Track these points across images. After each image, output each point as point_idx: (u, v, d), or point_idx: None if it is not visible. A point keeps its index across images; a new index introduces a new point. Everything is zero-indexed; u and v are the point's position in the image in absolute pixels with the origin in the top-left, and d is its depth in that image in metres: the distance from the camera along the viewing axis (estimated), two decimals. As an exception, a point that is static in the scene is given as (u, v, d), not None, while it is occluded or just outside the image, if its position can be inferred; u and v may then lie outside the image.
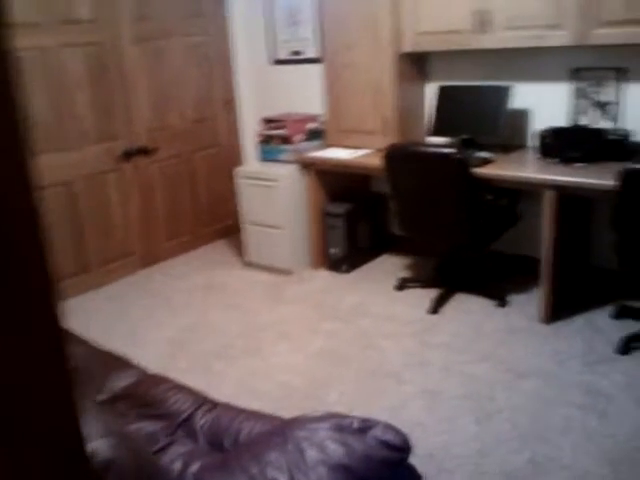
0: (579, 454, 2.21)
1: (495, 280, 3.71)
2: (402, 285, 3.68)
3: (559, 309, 3.23)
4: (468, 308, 3.40)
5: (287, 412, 1.65)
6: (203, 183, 4.53)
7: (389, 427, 1.41)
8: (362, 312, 3.43)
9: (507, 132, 3.43)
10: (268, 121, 3.97)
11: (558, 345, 2.96)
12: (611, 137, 3.13)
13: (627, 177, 2.57)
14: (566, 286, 3.32)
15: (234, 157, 4.58)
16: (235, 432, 1.69)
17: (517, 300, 3.44)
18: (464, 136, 3.49)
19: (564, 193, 2.96)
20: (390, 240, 4.27)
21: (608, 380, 2.65)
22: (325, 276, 3.95)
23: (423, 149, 3.10)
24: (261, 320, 3.41)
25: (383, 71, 3.63)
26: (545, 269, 3.10)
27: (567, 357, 2.85)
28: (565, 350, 2.91)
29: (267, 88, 4.42)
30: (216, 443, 1.66)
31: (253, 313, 3.50)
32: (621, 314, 3.18)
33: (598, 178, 2.82)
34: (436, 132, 3.65)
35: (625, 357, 2.82)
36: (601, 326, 3.11)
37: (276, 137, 3.91)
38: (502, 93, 3.39)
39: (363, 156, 3.69)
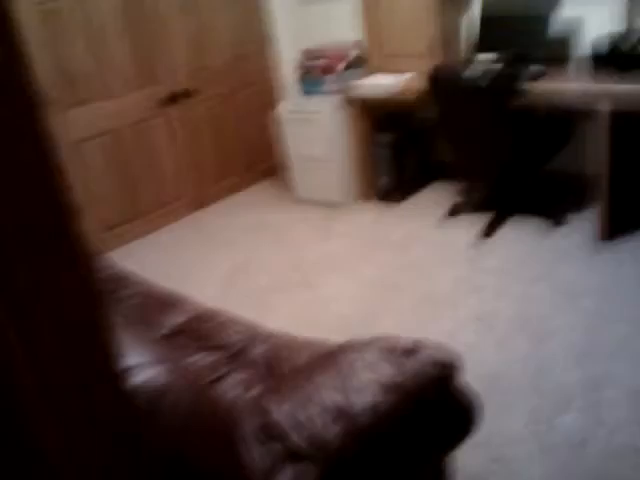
0: (637, 371, 2.18)
1: (551, 201, 3.61)
2: (454, 211, 3.62)
3: (616, 227, 3.12)
4: (522, 230, 3.33)
5: (342, 339, 1.68)
6: (247, 122, 4.51)
7: (439, 347, 1.42)
8: (414, 241, 3.41)
9: (558, 45, 3.25)
10: (308, 53, 3.88)
11: (615, 265, 2.88)
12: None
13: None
14: (624, 204, 3.20)
15: (276, 93, 4.52)
16: (291, 358, 1.73)
17: (574, 220, 3.35)
18: (511, 51, 3.33)
19: (620, 104, 2.80)
20: (439, 167, 4.18)
21: (669, 296, 2.58)
22: (375, 207, 3.93)
23: (470, 68, 2.97)
24: (312, 254, 3.45)
25: (424, -11, 3.47)
26: (602, 186, 2.99)
27: (625, 276, 2.78)
28: (623, 269, 2.83)
29: (303, 23, 4.30)
30: (273, 370, 1.71)
31: (304, 247, 3.54)
32: (684, 229, 3.06)
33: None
34: (483, 48, 3.48)
35: (688, 272, 2.73)
36: (662, 242, 3.00)
37: (317, 68, 3.83)
38: (549, 1, 3.20)
39: (408, 80, 3.58)
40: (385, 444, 1.25)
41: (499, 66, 2.89)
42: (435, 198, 3.92)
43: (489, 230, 3.34)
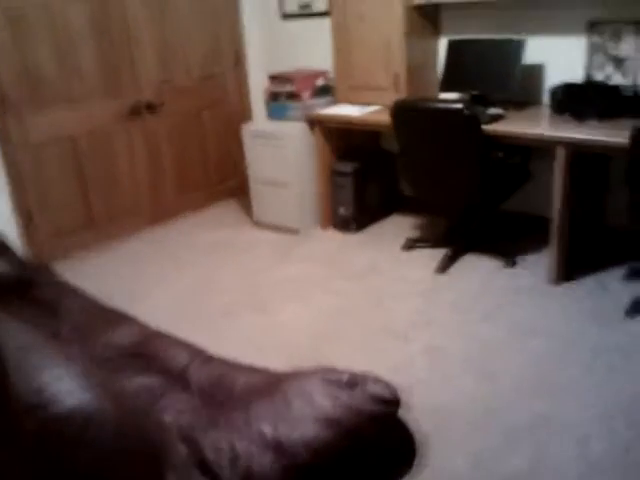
0: (584, 413, 2.19)
1: (505, 240, 3.66)
2: (411, 245, 3.64)
3: (569, 270, 3.17)
4: (477, 268, 3.36)
5: (289, 367, 1.65)
6: (212, 141, 4.48)
7: (379, 381, 1.40)
8: (371, 271, 3.40)
9: (520, 88, 3.33)
10: (276, 77, 3.89)
11: (567, 306, 2.92)
12: (626, 94, 3.02)
13: (638, 134, 2.49)
14: (577, 246, 3.26)
15: (242, 115, 4.52)
16: (229, 386, 1.69)
17: (527, 260, 3.39)
18: (474, 92, 3.40)
19: (576, 150, 2.87)
20: (400, 200, 4.21)
21: (616, 340, 2.61)
22: (333, 235, 3.93)
23: (430, 105, 3.02)
24: (269, 278, 3.41)
25: (393, 25, 3.53)
26: (556, 228, 3.04)
27: (576, 318, 2.81)
28: (574, 311, 2.87)
29: (276, 44, 4.33)
30: (210, 396, 1.66)
31: (261, 271, 3.50)
32: (632, 276, 3.13)
33: (612, 135, 2.73)
34: (446, 87, 3.56)
35: (635, 320, 2.78)
36: (613, 288, 3.05)
37: (284, 94, 3.84)
38: (515, 47, 3.28)
39: (373, 112, 3.61)
40: (322, 479, 1.22)
41: (460, 105, 2.93)
42: (394, 230, 3.94)
43: (445, 265, 3.36)
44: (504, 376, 2.44)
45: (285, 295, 3.21)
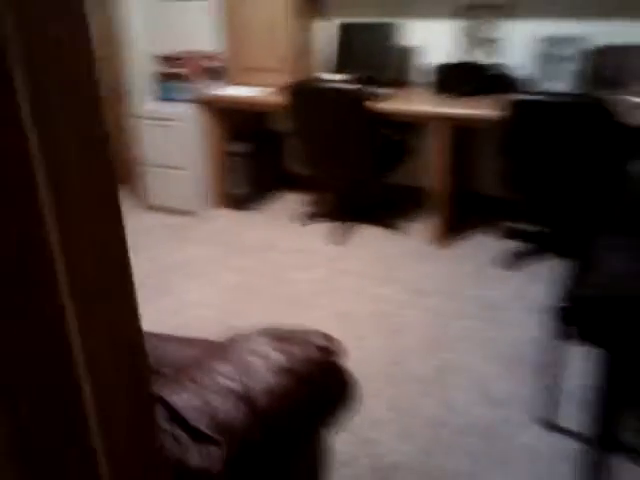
0: (479, 357, 2.48)
1: (393, 210, 3.93)
2: (306, 220, 3.81)
3: (451, 234, 3.51)
4: (369, 237, 3.60)
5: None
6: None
7: (324, 334, 1.54)
8: (270, 247, 3.53)
9: (401, 68, 3.58)
10: (166, 59, 3.86)
11: (451, 265, 3.24)
12: (495, 72, 3.37)
13: (510, 107, 2.81)
14: (456, 212, 3.60)
15: (131, 98, 4.42)
16: (171, 360, 1.75)
17: (413, 228, 3.69)
18: (363, 73, 3.60)
19: (454, 124, 3.17)
20: (290, 178, 4.36)
21: (500, 293, 2.95)
22: (229, 215, 4.00)
23: (328, 85, 3.18)
24: (170, 260, 3.42)
25: (279, 7, 3.64)
26: (437, 196, 3.34)
27: (460, 275, 3.13)
28: (458, 269, 3.19)
29: (159, 25, 4.26)
30: (155, 370, 1.72)
31: (161, 254, 3.50)
32: (506, 235, 3.51)
33: (483, 109, 3.06)
34: (337, 69, 3.73)
35: (511, 272, 3.14)
36: (489, 246, 3.42)
37: (175, 75, 3.82)
38: (393, 30, 3.52)
39: (262, 94, 3.71)
40: (282, 424, 1.34)
41: (350, 85, 3.12)
42: (287, 207, 4.08)
43: (340, 236, 3.56)
44: (407, 331, 2.68)
45: (189, 276, 3.25)
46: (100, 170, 0.60)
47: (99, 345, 0.59)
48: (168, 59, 3.86)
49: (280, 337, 1.52)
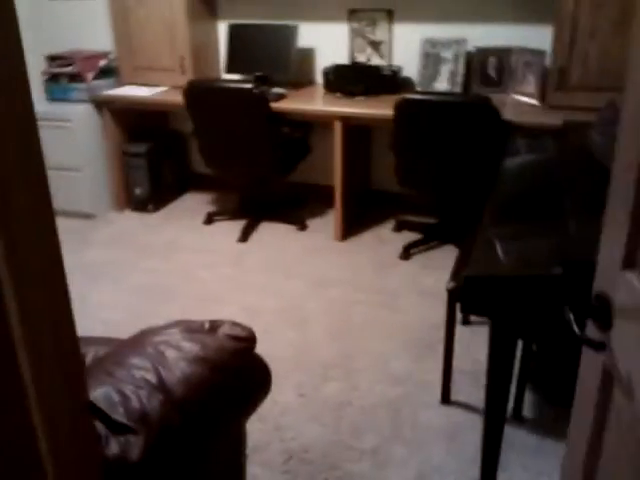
0: (379, 341, 2.64)
1: (295, 208, 4.05)
2: (210, 219, 3.84)
3: (350, 228, 3.67)
4: (273, 234, 3.69)
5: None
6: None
7: (235, 323, 1.62)
8: (176, 248, 3.54)
9: (297, 69, 3.70)
10: (55, 58, 3.75)
11: (351, 257, 3.40)
12: (385, 73, 3.56)
13: (400, 106, 3.00)
14: (355, 207, 3.77)
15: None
16: (90, 351, 1.76)
17: (315, 224, 3.82)
18: (258, 73, 3.68)
19: (350, 123, 3.33)
20: (192, 178, 4.37)
21: (395, 281, 3.14)
22: (131, 217, 3.95)
23: (222, 85, 3.24)
24: (71, 265, 3.32)
25: (174, 7, 3.64)
26: (337, 192, 3.49)
27: (359, 266, 3.29)
28: (357, 261, 3.35)
29: (46, 25, 4.13)
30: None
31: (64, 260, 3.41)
32: (400, 227, 3.72)
33: (376, 108, 3.23)
34: (230, 69, 3.79)
35: (406, 262, 3.34)
36: (385, 239, 3.61)
37: (64, 75, 3.73)
38: (289, 32, 3.63)
39: (161, 93, 3.70)
40: (199, 411, 1.40)
41: (249, 85, 3.20)
42: (191, 206, 4.09)
43: (245, 234, 3.63)
44: (312, 322, 2.80)
45: (92, 280, 3.20)
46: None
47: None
48: (58, 58, 3.76)
49: (192, 328, 1.58)
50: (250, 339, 1.60)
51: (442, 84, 3.51)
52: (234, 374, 1.52)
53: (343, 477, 1.95)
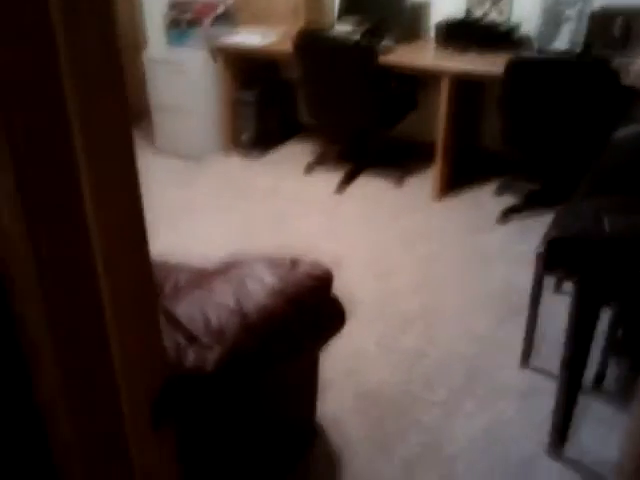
0: (463, 299, 2.63)
1: (395, 163, 4.03)
2: (310, 168, 3.92)
3: (448, 188, 3.62)
4: (371, 187, 3.71)
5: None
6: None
7: (315, 263, 1.68)
8: (274, 192, 3.65)
9: (410, 22, 3.63)
10: (176, 4, 3.91)
11: (447, 217, 3.36)
12: (501, 29, 3.42)
13: (511, 65, 2.89)
14: (457, 167, 3.70)
15: (135, 41, 4.48)
16: (174, 281, 1.90)
17: (414, 180, 3.79)
18: (369, 24, 3.65)
19: (458, 79, 3.25)
20: (298, 127, 4.45)
21: (489, 244, 3.08)
22: (236, 161, 4.11)
23: (331, 35, 3.25)
24: (177, 202, 3.56)
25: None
26: (439, 150, 3.44)
27: (455, 226, 3.26)
28: (453, 221, 3.32)
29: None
30: (160, 288, 1.87)
31: (168, 196, 3.63)
32: (502, 191, 3.62)
33: (488, 66, 3.13)
34: (342, 19, 3.78)
35: (503, 226, 3.26)
36: (485, 201, 3.53)
37: (183, 21, 3.88)
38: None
39: (273, 41, 3.77)
40: (272, 337, 1.49)
41: (358, 36, 3.19)
42: (293, 155, 4.19)
43: (341, 186, 3.68)
44: (398, 275, 2.83)
45: (194, 216, 3.39)
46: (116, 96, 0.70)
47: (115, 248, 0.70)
48: (178, 4, 3.92)
49: (275, 263, 1.67)
50: (328, 278, 1.66)
51: (561, 43, 3.31)
52: (309, 309, 1.60)
53: (411, 423, 2.00)
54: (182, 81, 3.89)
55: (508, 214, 3.33)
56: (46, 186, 0.59)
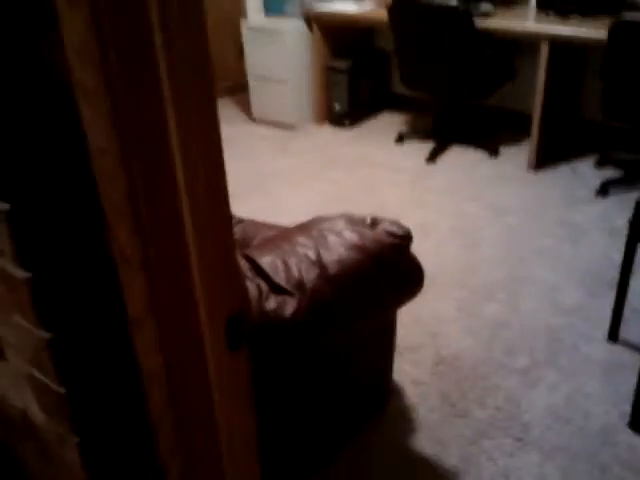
0: (551, 271, 2.57)
1: (489, 133, 3.94)
2: (401, 138, 3.90)
3: (546, 159, 3.50)
4: (462, 158, 3.66)
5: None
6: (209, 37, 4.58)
7: (395, 222, 1.71)
8: (364, 162, 3.68)
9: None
10: (274, -27, 3.99)
11: (542, 189, 3.26)
12: (608, -9, 3.23)
13: (615, 28, 2.73)
14: (555, 137, 3.57)
15: (235, 11, 4.61)
16: (261, 237, 1.99)
17: (508, 151, 3.70)
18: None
19: (559, 44, 3.12)
20: (390, 97, 4.43)
21: (585, 217, 2.97)
22: (328, 130, 4.17)
23: (428, 1, 3.20)
24: (269, 169, 3.67)
25: None
26: (535, 120, 3.32)
27: (549, 198, 3.16)
28: (548, 193, 3.21)
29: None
30: (246, 245, 1.97)
31: (261, 163, 3.75)
32: (603, 162, 3.46)
33: (591, 30, 2.98)
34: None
35: (602, 199, 3.13)
36: (584, 173, 3.39)
37: (282, -10, 3.95)
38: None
39: (369, 9, 3.77)
40: (350, 289, 1.54)
41: (455, 1, 3.13)
42: (385, 125, 4.19)
43: (432, 156, 3.65)
44: (485, 244, 2.79)
45: (284, 183, 3.48)
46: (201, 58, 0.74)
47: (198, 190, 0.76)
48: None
49: (355, 221, 1.71)
50: (406, 237, 1.69)
51: (676, 4, 3.10)
52: (387, 266, 1.63)
53: (489, 388, 2.00)
54: (278, 50, 3.98)
55: (608, 187, 3.18)
56: (140, 128, 0.66)
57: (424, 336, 2.24)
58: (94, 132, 0.66)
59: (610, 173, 3.34)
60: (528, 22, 3.28)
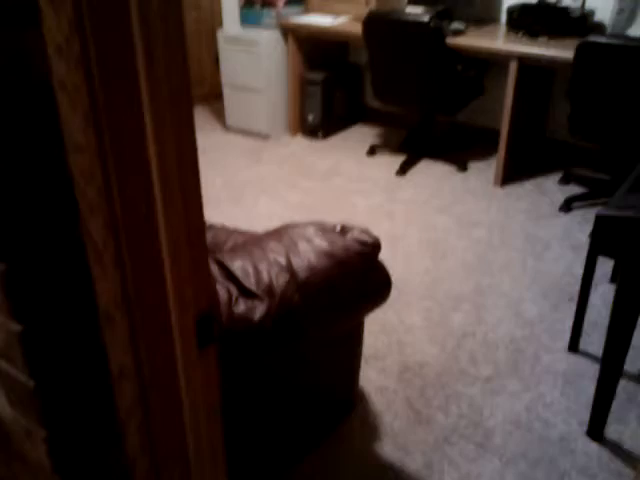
0: (517, 285, 2.63)
1: (458, 148, 4.03)
2: (373, 151, 3.96)
3: (513, 174, 3.59)
4: (432, 171, 3.73)
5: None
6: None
7: (364, 230, 1.75)
8: (336, 173, 3.73)
9: (481, 5, 3.61)
10: (251, -16, 4.03)
11: (508, 204, 3.34)
12: (574, 15, 3.34)
13: (581, 49, 2.83)
14: (521, 154, 3.66)
15: (212, 21, 4.63)
16: (232, 242, 2.01)
17: (476, 166, 3.78)
18: (440, 7, 3.65)
19: (527, 64, 3.21)
20: (364, 111, 4.50)
21: (549, 231, 3.05)
22: (301, 141, 4.21)
23: (399, 17, 3.27)
24: (242, 177, 3.69)
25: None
26: (503, 137, 3.41)
27: (515, 213, 3.24)
28: (514, 207, 3.29)
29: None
30: (217, 250, 1.98)
31: (234, 171, 3.77)
32: (567, 179, 3.56)
33: (559, 51, 3.08)
34: (413, 1, 3.80)
35: (565, 215, 3.22)
36: (548, 189, 3.49)
37: (259, 1, 3.99)
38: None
39: (344, 23, 3.83)
40: (318, 295, 1.57)
41: (428, 18, 3.20)
42: (358, 137, 4.24)
43: (404, 168, 3.71)
44: (452, 257, 2.85)
45: (257, 192, 3.50)
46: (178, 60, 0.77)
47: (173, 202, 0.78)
48: (254, -15, 4.02)
49: (325, 228, 1.74)
50: (375, 245, 1.72)
51: (637, 31, 3.22)
52: (355, 273, 1.66)
53: (453, 396, 2.04)
54: (253, 61, 4.01)
55: (571, 203, 3.28)
56: (117, 126, 0.68)
57: (390, 344, 2.27)
58: (72, 129, 0.68)
59: (574, 189, 3.44)
60: (498, 41, 3.37)
